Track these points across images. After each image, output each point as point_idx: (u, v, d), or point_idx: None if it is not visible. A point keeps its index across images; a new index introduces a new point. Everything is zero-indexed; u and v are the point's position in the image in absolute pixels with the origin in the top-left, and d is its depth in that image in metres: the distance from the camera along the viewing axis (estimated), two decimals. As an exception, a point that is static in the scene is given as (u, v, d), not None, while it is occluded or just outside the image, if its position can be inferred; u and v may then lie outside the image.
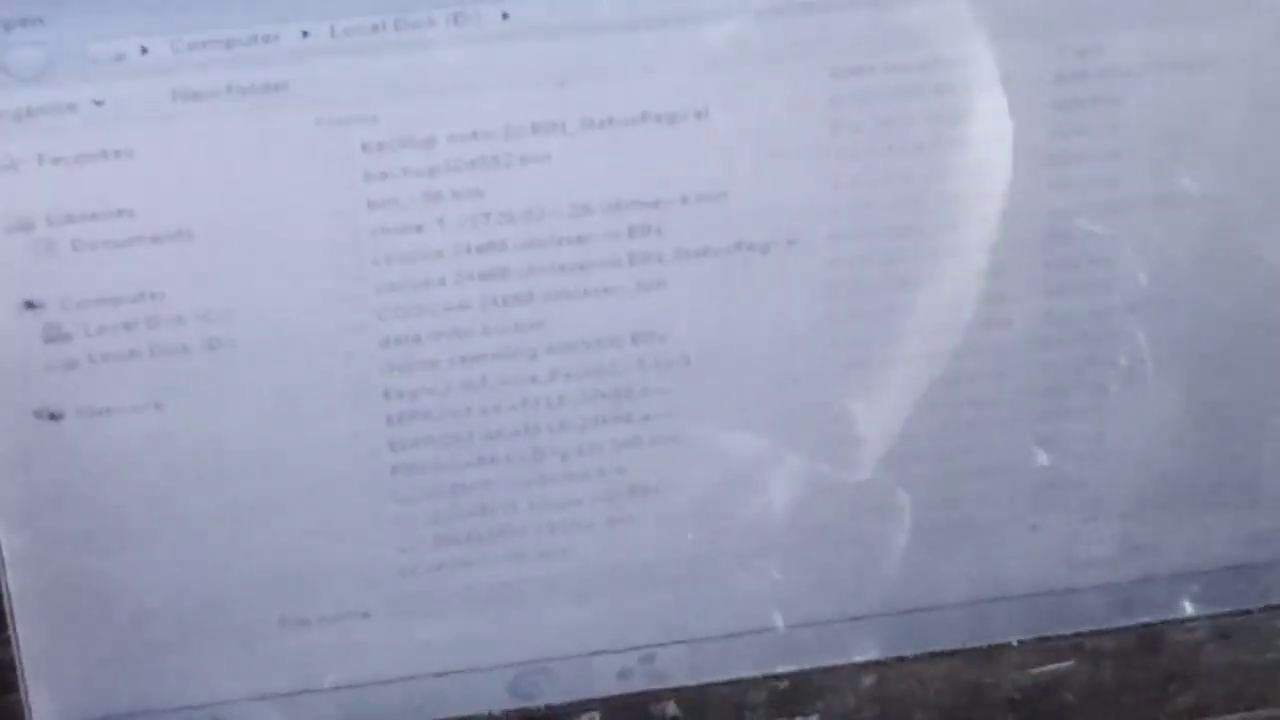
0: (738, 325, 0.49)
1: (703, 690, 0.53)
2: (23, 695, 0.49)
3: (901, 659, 0.53)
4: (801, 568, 0.52)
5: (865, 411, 0.50)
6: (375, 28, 0.44)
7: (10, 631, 0.48)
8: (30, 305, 0.45)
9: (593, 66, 0.45)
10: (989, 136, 0.48)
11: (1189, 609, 0.54)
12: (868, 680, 0.53)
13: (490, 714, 0.52)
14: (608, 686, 0.52)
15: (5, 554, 0.47)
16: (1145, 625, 0.54)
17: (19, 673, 0.49)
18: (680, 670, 0.52)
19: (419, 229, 0.46)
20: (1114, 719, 0.55)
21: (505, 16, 0.44)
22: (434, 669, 0.51)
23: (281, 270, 0.46)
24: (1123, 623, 0.54)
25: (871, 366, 0.50)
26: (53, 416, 0.46)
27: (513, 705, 0.52)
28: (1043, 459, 0.52)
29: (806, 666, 0.53)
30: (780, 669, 0.53)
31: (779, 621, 0.52)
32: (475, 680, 0.51)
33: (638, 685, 0.52)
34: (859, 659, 0.53)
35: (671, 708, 0.53)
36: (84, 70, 0.43)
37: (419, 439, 0.48)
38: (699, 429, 0.50)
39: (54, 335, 0.46)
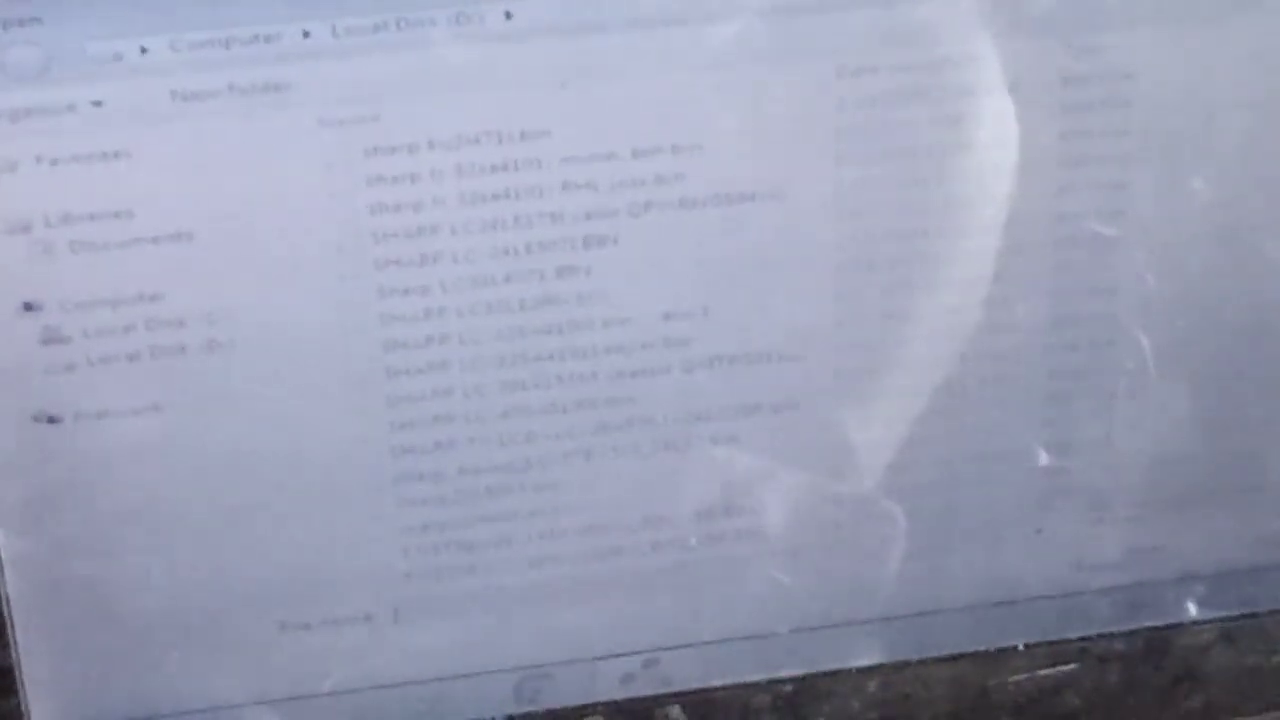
0: (750, 337, 0.49)
1: (707, 694, 0.53)
2: (22, 700, 0.49)
3: (907, 663, 0.53)
4: (806, 571, 0.52)
5: (872, 415, 0.50)
6: (377, 27, 0.44)
7: (9, 636, 0.48)
8: (28, 307, 0.45)
9: (596, 66, 0.45)
10: (995, 138, 0.48)
11: (1195, 612, 0.54)
12: (873, 684, 0.53)
13: (493, 719, 0.52)
14: (612, 691, 0.52)
15: (4, 558, 0.47)
16: (1151, 628, 0.54)
17: (18, 677, 0.49)
18: (684, 674, 0.52)
19: (421, 231, 0.46)
20: (1120, 723, 0.55)
21: (508, 16, 0.44)
22: (437, 673, 0.51)
23: (282, 272, 0.46)
24: (1129, 626, 0.54)
25: (878, 370, 0.50)
26: (51, 420, 0.46)
27: (516, 710, 0.52)
28: (1049, 462, 0.52)
29: (811, 670, 0.53)
30: (785, 673, 0.53)
31: (784, 626, 0.52)
32: (478, 685, 0.51)
33: (642, 689, 0.52)
34: (864, 663, 0.53)
35: (676, 712, 0.53)
36: (83, 70, 0.43)
37: (422, 443, 0.48)
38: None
39: (52, 337, 0.45)
